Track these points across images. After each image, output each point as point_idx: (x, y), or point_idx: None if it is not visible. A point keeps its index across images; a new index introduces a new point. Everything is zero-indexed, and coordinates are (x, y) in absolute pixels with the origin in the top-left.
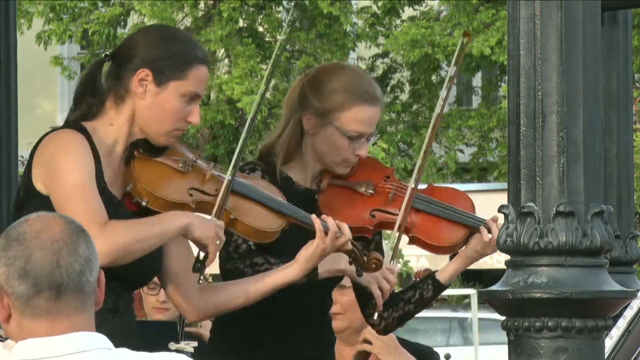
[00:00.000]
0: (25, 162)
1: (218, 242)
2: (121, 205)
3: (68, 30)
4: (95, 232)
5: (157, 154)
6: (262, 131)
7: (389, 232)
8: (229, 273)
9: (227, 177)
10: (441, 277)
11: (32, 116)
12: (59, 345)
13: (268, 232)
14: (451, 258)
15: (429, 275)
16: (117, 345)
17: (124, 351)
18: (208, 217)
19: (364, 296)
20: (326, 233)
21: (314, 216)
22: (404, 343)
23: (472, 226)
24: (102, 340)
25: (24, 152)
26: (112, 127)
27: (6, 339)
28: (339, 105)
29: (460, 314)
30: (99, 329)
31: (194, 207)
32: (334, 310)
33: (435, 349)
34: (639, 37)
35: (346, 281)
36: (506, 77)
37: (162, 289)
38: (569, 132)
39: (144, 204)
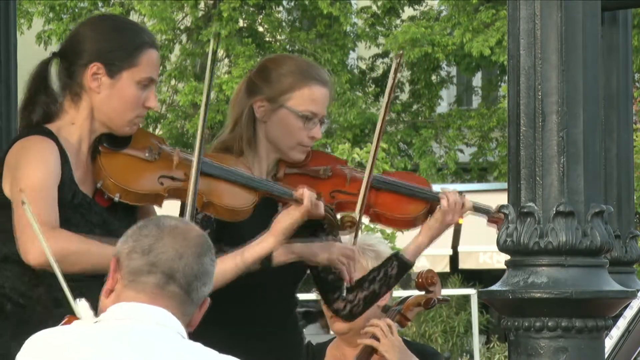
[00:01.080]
0: None
1: None
2: (93, 204)
3: (68, 30)
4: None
5: (122, 147)
6: None
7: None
8: None
9: (195, 161)
10: (406, 253)
11: None
12: (143, 311)
13: (242, 210)
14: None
15: (394, 253)
16: None
17: (197, 345)
18: None
19: (325, 284)
20: (300, 202)
21: (299, 190)
22: (407, 344)
23: (431, 199)
24: (180, 327)
25: None
26: (74, 125)
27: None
28: (289, 87)
29: None
30: None
31: (167, 195)
32: None
33: None
34: (639, 37)
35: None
36: (506, 77)
37: None
38: (569, 132)
39: (116, 199)
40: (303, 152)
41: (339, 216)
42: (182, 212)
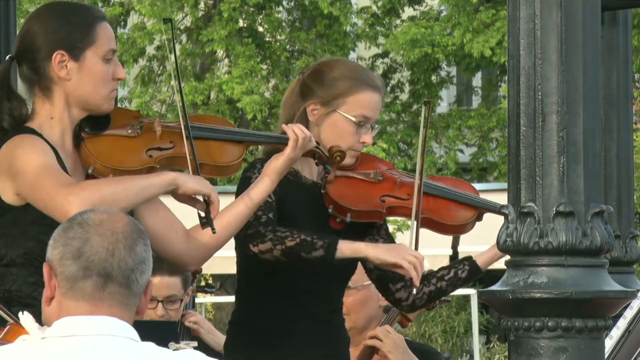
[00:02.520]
0: None
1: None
2: None
3: None
4: (69, 191)
5: (103, 129)
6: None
7: (406, 221)
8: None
9: (183, 129)
10: (479, 260)
11: None
12: (90, 325)
13: (232, 165)
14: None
15: (468, 257)
16: None
17: (149, 345)
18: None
19: (384, 274)
20: (296, 142)
21: (284, 125)
22: (408, 343)
23: (480, 207)
24: (130, 330)
25: None
26: (54, 119)
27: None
28: (343, 91)
29: None
30: None
31: (159, 166)
32: None
33: None
34: (639, 37)
35: (352, 282)
36: (506, 77)
37: (159, 304)
38: (569, 132)
39: None
40: (354, 156)
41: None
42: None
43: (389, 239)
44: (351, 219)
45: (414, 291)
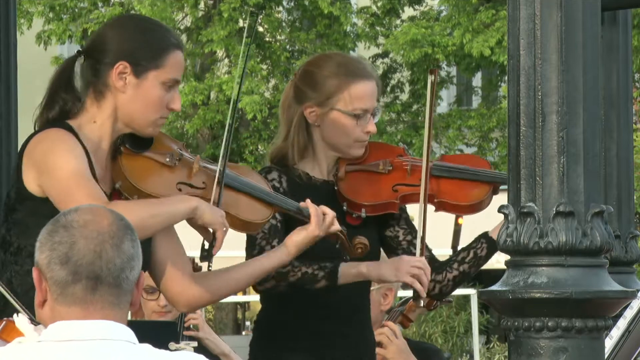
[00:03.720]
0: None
1: (225, 229)
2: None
3: (68, 30)
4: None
5: (143, 149)
6: (262, 131)
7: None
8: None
9: (218, 169)
10: (494, 235)
11: (32, 116)
12: (85, 329)
13: (255, 224)
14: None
15: (483, 233)
16: None
17: (147, 347)
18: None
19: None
20: (323, 220)
21: (308, 201)
22: (409, 342)
23: (494, 181)
24: (127, 333)
25: None
26: (96, 124)
27: (38, 323)
28: (335, 89)
29: None
30: None
31: None
32: None
33: None
34: (639, 37)
35: None
36: (506, 77)
37: (161, 295)
38: (569, 132)
39: None
40: (361, 147)
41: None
42: None
43: (410, 228)
44: (367, 214)
45: (421, 303)
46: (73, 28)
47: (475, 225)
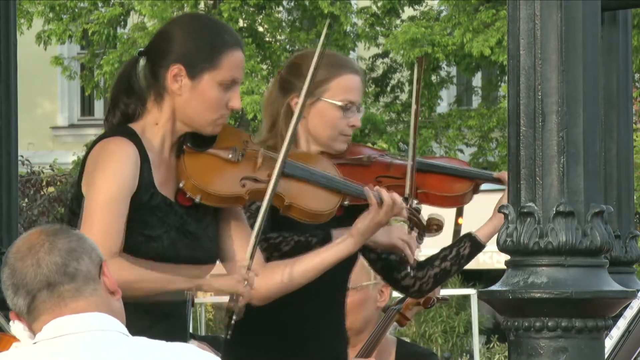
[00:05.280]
0: (25, 164)
1: (247, 284)
2: (174, 205)
3: (68, 30)
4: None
5: (206, 146)
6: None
7: None
8: None
9: (279, 161)
10: (479, 234)
11: (32, 116)
12: (77, 323)
13: (324, 213)
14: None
15: (467, 233)
16: None
17: (141, 339)
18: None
19: (388, 265)
20: (380, 204)
21: (366, 189)
22: (403, 345)
23: (476, 177)
24: (119, 325)
25: (23, 152)
26: (157, 126)
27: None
28: (323, 79)
29: None
30: (150, 329)
31: (248, 198)
32: None
33: None
34: (639, 37)
35: (351, 283)
36: (506, 77)
37: None
38: (569, 132)
39: (197, 200)
40: (345, 141)
41: (426, 218)
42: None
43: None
44: (349, 203)
45: (408, 269)
46: (73, 28)
47: (475, 225)
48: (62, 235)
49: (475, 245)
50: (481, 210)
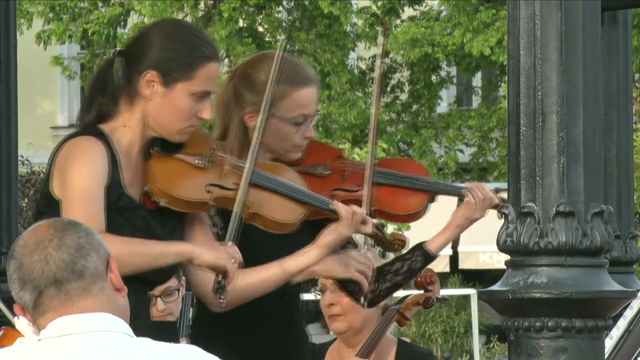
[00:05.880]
0: (38, 167)
1: (233, 260)
2: (140, 207)
3: (68, 30)
4: None
5: (174, 151)
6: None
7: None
8: None
9: (246, 171)
10: (430, 247)
11: (32, 116)
12: (83, 322)
13: (289, 224)
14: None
15: (418, 245)
16: None
17: (146, 340)
18: (218, 244)
19: (343, 280)
20: (348, 218)
21: (336, 202)
22: (403, 346)
23: (431, 190)
24: (125, 326)
25: (23, 152)
26: (127, 128)
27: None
28: (277, 96)
29: None
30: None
31: (213, 204)
32: (335, 312)
33: None
34: (639, 37)
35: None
36: (506, 77)
37: (158, 299)
38: (569, 132)
39: (162, 204)
40: (299, 151)
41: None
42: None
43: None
44: (311, 218)
45: (362, 300)
46: (73, 28)
47: (476, 225)
48: (71, 230)
49: (426, 257)
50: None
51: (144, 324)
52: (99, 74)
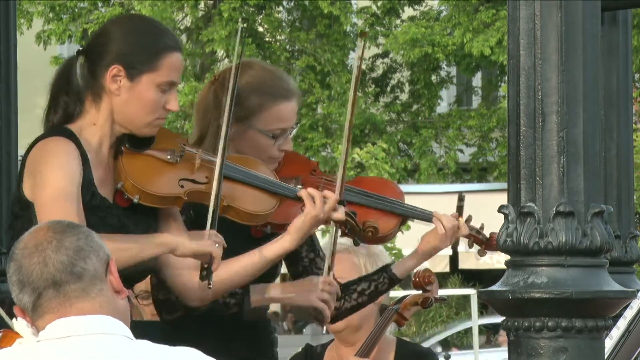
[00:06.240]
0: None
1: (218, 245)
2: (113, 206)
3: (68, 30)
4: None
5: (144, 147)
6: None
7: (326, 227)
8: None
9: (218, 165)
10: (397, 271)
11: (32, 116)
12: (82, 325)
13: (262, 215)
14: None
15: (385, 267)
16: None
17: (145, 342)
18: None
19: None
20: (313, 201)
21: (301, 189)
22: (403, 344)
23: (404, 214)
24: (124, 329)
25: (23, 152)
26: (95, 126)
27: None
28: (256, 108)
29: None
30: None
31: (187, 199)
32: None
33: None
34: (639, 37)
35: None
36: (506, 77)
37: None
38: (569, 132)
39: (135, 200)
40: (275, 163)
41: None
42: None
43: (313, 246)
44: (271, 231)
45: (324, 330)
46: (73, 28)
47: (476, 225)
48: (70, 232)
49: (392, 281)
50: (481, 211)
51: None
52: (61, 75)
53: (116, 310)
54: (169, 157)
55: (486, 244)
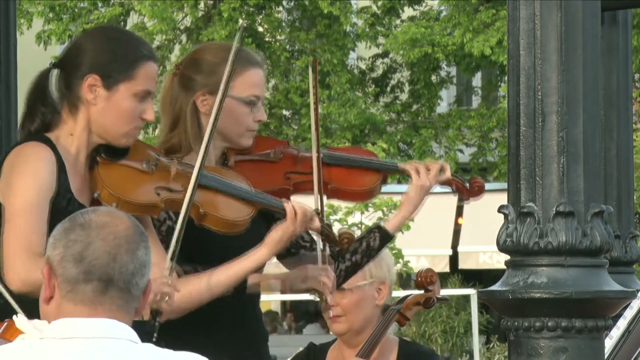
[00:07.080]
0: None
1: (168, 298)
2: None
3: (68, 30)
4: (23, 259)
5: (119, 157)
6: (262, 131)
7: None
8: None
9: (194, 172)
10: (388, 225)
11: None
12: (88, 327)
13: (238, 223)
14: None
15: (375, 224)
16: None
17: (149, 346)
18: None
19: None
20: (295, 215)
21: (284, 200)
22: (405, 345)
23: (383, 169)
24: (129, 332)
25: None
26: (72, 136)
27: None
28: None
29: None
30: None
31: (164, 206)
32: (335, 312)
33: None
34: (639, 37)
35: (346, 284)
36: (506, 77)
37: None
38: (569, 132)
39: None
40: (251, 137)
41: (336, 232)
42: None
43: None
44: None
45: (330, 314)
46: (73, 28)
47: (476, 225)
48: (144, 242)
49: (383, 236)
50: (481, 210)
51: None
52: (37, 87)
53: (130, 325)
54: (144, 166)
55: (468, 190)
